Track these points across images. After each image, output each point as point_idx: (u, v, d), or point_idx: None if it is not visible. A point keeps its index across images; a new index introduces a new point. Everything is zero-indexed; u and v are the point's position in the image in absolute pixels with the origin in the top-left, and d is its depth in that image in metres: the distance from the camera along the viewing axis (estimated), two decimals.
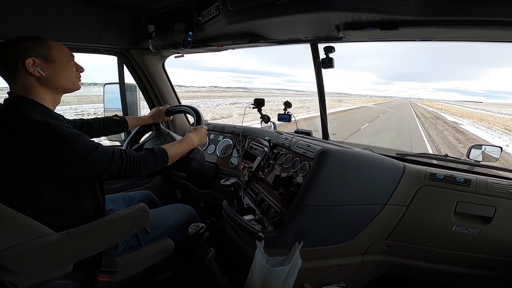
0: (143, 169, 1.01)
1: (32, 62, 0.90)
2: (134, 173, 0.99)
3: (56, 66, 0.95)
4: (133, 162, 0.98)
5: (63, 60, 0.97)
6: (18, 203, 0.84)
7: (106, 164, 0.92)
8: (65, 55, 0.98)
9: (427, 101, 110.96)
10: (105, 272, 1.00)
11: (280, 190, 1.20)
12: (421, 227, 1.18)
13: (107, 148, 0.94)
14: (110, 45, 1.73)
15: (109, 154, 0.93)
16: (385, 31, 1.06)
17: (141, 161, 1.00)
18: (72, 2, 1.43)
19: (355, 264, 1.26)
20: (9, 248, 0.79)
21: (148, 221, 1.02)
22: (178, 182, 1.90)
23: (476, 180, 1.16)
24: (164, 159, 1.08)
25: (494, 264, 1.17)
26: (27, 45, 0.90)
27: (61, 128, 0.86)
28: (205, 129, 1.34)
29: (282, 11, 1.03)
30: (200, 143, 1.30)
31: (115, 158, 0.93)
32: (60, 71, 0.96)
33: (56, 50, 0.96)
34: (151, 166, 1.03)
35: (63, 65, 0.97)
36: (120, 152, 0.96)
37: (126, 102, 1.98)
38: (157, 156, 1.05)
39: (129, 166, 0.96)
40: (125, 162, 0.95)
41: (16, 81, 0.91)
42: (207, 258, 1.20)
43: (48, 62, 0.93)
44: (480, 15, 0.86)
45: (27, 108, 0.88)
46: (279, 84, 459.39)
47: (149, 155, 1.04)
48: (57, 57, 0.95)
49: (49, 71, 0.93)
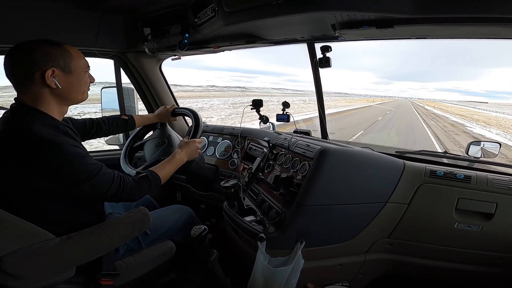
0: (138, 196, 1.02)
1: (51, 72, 0.85)
2: (128, 199, 1.00)
3: (73, 78, 0.90)
4: (129, 189, 0.98)
5: (81, 71, 0.93)
6: (18, 212, 0.83)
7: (105, 189, 0.92)
8: (83, 66, 0.94)
9: (428, 101, 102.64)
10: (107, 276, 1.00)
11: (281, 191, 1.20)
12: (422, 224, 1.18)
13: (108, 172, 0.94)
14: (106, 48, 1.73)
15: (109, 179, 0.93)
16: (381, 30, 1.06)
17: (136, 188, 1.01)
18: (67, 6, 1.43)
19: (357, 263, 1.25)
20: (11, 253, 0.79)
21: (149, 224, 1.02)
22: (178, 185, 1.90)
23: (477, 176, 1.16)
24: (157, 183, 1.09)
25: (497, 260, 1.17)
26: (47, 52, 0.85)
27: (66, 148, 0.83)
28: (198, 143, 1.32)
29: (278, 11, 1.03)
30: (190, 158, 1.29)
31: (114, 184, 0.94)
32: (76, 84, 0.92)
33: (76, 60, 0.91)
34: (146, 192, 1.05)
35: (79, 77, 0.93)
36: (119, 179, 0.96)
37: (123, 105, 1.97)
38: (151, 183, 1.06)
39: (125, 193, 0.97)
40: (122, 189, 0.96)
41: (27, 90, 0.86)
42: (211, 260, 1.20)
43: (66, 73, 0.88)
44: (475, 12, 0.86)
45: (34, 119, 0.84)
46: (279, 83, 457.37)
47: (144, 182, 1.04)
48: (75, 68, 0.91)
49: (65, 83, 0.88)
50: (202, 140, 1.36)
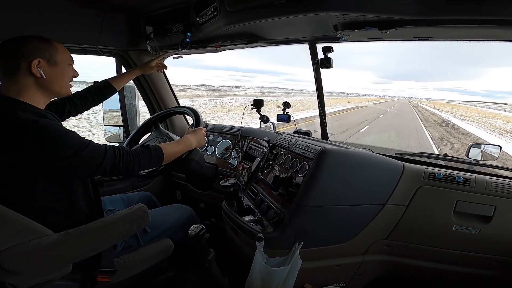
0: (137, 166, 0.99)
1: (37, 62, 0.89)
2: (128, 169, 0.97)
3: (57, 70, 0.95)
4: (127, 158, 0.96)
5: (65, 64, 0.98)
6: (12, 203, 0.83)
7: (99, 160, 0.91)
8: (67, 60, 0.99)
9: (431, 101, 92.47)
10: (104, 273, 1.00)
11: (280, 191, 1.20)
12: (421, 226, 1.18)
13: (99, 145, 0.93)
14: (108, 46, 1.73)
15: (102, 150, 0.92)
16: (383, 31, 1.06)
17: (135, 157, 0.99)
18: (70, 4, 1.43)
19: (355, 264, 1.25)
20: (8, 249, 0.79)
21: (147, 221, 1.02)
22: (178, 183, 1.90)
23: (476, 179, 1.16)
24: (159, 157, 1.06)
25: (494, 263, 1.17)
26: (35, 45, 0.90)
27: (49, 126, 0.84)
28: (204, 131, 1.33)
29: (280, 11, 1.03)
30: (198, 145, 1.29)
31: (108, 155, 0.92)
32: (60, 76, 0.96)
33: (62, 53, 0.96)
34: (145, 163, 1.02)
35: (63, 70, 0.97)
36: (112, 149, 0.95)
37: (125, 104, 1.98)
38: (151, 153, 1.03)
39: (123, 162, 0.95)
40: (118, 158, 0.94)
41: (12, 79, 0.89)
42: (208, 259, 1.20)
43: (51, 65, 0.93)
44: (478, 14, 0.87)
45: (15, 108, 0.86)
46: (278, 82, 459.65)
47: (144, 152, 1.02)
48: (60, 61, 0.96)
49: (50, 74, 0.93)
50: (206, 129, 1.36)
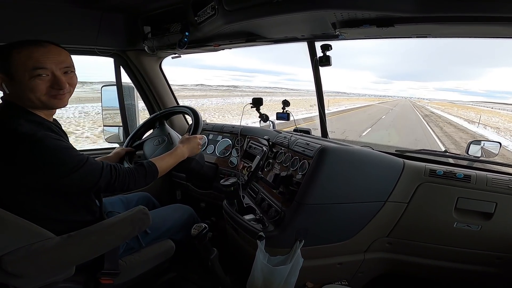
0: (132, 184, 1.00)
1: (1, 78, 0.85)
2: (123, 188, 0.99)
3: (16, 84, 0.85)
4: (122, 177, 0.97)
5: (23, 77, 0.84)
6: (14, 211, 0.83)
7: (95, 178, 0.91)
8: (26, 72, 0.84)
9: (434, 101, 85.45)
10: (107, 275, 1.00)
11: (280, 189, 1.20)
12: (422, 223, 1.18)
13: (96, 163, 0.93)
14: (106, 46, 1.73)
15: (98, 168, 0.92)
16: (381, 28, 1.06)
17: (130, 176, 1.00)
18: (67, 5, 1.43)
19: (357, 262, 1.26)
20: (11, 252, 0.80)
21: (148, 223, 1.02)
22: (178, 183, 1.90)
23: (476, 176, 1.16)
24: (154, 173, 1.08)
25: (495, 260, 1.17)
26: None
27: (48, 140, 0.83)
28: (199, 139, 1.32)
29: (278, 9, 1.03)
30: (191, 154, 1.29)
31: (104, 173, 0.93)
32: (23, 89, 0.85)
33: (18, 65, 0.83)
34: (141, 181, 1.03)
35: (23, 84, 0.84)
36: (109, 167, 0.95)
37: (124, 104, 1.97)
38: (146, 171, 1.05)
39: (118, 181, 0.96)
40: (114, 177, 0.95)
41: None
42: (211, 258, 1.20)
43: (10, 79, 0.85)
44: (476, 11, 0.86)
45: (20, 117, 0.85)
46: (278, 82, 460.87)
47: (139, 170, 1.03)
48: (16, 74, 0.84)
49: (11, 89, 0.86)
50: (203, 137, 1.35)
